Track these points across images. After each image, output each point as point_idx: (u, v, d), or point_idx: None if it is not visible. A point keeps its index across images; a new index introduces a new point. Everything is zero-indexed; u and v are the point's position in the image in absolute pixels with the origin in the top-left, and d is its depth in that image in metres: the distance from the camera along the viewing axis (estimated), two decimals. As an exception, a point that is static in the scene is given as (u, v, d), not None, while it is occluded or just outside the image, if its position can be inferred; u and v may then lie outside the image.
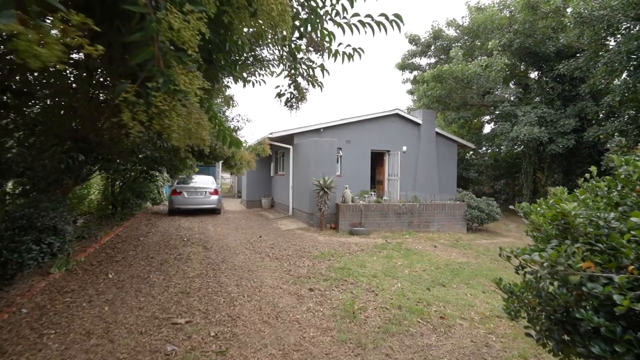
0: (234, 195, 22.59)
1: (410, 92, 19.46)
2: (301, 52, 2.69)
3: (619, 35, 10.20)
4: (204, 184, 11.95)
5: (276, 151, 14.36)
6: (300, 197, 10.86)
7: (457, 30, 16.03)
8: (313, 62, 2.81)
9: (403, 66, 18.79)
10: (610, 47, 11.42)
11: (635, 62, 9.72)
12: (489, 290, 4.82)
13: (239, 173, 9.93)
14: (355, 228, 9.01)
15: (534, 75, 15.47)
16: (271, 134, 11.14)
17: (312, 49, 2.62)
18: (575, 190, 2.01)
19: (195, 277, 4.98)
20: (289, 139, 11.81)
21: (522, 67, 15.69)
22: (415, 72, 18.93)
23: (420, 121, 13.13)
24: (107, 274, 4.99)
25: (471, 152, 19.66)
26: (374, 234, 9.00)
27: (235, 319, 3.65)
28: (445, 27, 16.36)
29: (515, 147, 13.95)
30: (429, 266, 6.04)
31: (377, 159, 13.53)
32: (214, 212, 12.59)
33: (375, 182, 14.02)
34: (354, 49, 2.60)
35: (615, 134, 11.74)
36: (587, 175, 2.10)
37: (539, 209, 1.90)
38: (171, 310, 3.82)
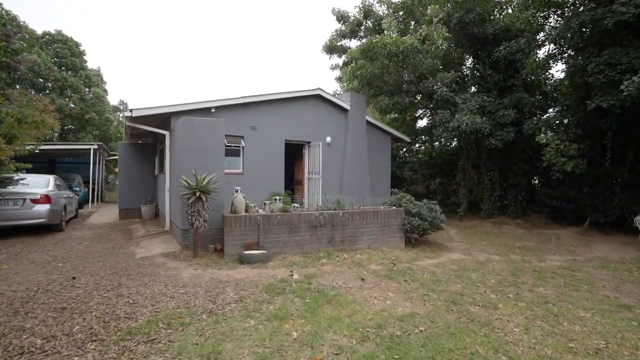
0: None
1: (339, 79, 17.02)
2: None
3: (566, 10, 8.85)
4: (21, 189, 7.67)
5: (161, 140, 10.53)
6: (175, 204, 7.38)
7: (390, 8, 13.98)
8: None
9: (331, 48, 16.23)
10: (551, 27, 10.19)
11: (587, 39, 8.34)
12: None
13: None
14: (248, 252, 5.89)
15: (469, 63, 14.11)
16: (131, 111, 7.40)
17: None
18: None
19: None
20: (164, 121, 8.22)
21: (455, 54, 14.25)
22: (344, 57, 16.54)
23: (347, 106, 10.55)
24: None
25: (404, 149, 17.99)
26: (276, 260, 5.98)
27: None
28: (378, 3, 14.21)
29: (454, 141, 12.22)
30: (349, 338, 3.20)
31: (296, 152, 10.61)
32: (49, 229, 8.35)
33: (294, 181, 11.09)
34: None
35: (548, 130, 10.55)
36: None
37: None
38: None
